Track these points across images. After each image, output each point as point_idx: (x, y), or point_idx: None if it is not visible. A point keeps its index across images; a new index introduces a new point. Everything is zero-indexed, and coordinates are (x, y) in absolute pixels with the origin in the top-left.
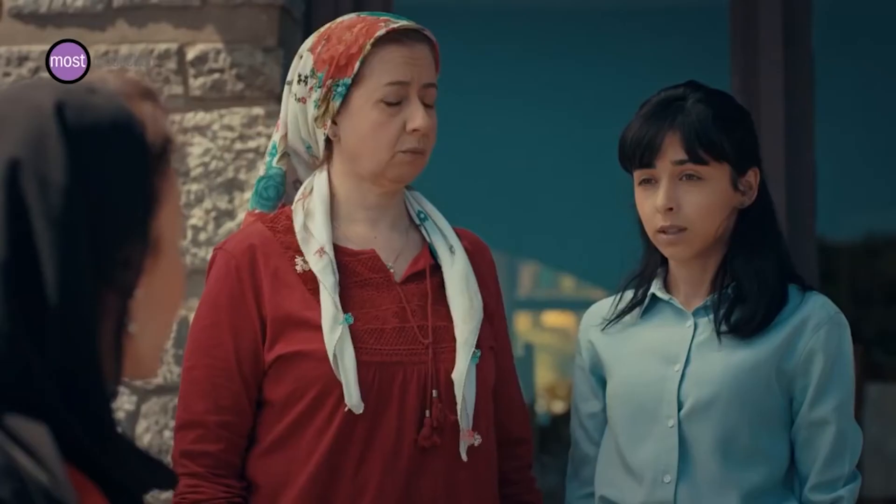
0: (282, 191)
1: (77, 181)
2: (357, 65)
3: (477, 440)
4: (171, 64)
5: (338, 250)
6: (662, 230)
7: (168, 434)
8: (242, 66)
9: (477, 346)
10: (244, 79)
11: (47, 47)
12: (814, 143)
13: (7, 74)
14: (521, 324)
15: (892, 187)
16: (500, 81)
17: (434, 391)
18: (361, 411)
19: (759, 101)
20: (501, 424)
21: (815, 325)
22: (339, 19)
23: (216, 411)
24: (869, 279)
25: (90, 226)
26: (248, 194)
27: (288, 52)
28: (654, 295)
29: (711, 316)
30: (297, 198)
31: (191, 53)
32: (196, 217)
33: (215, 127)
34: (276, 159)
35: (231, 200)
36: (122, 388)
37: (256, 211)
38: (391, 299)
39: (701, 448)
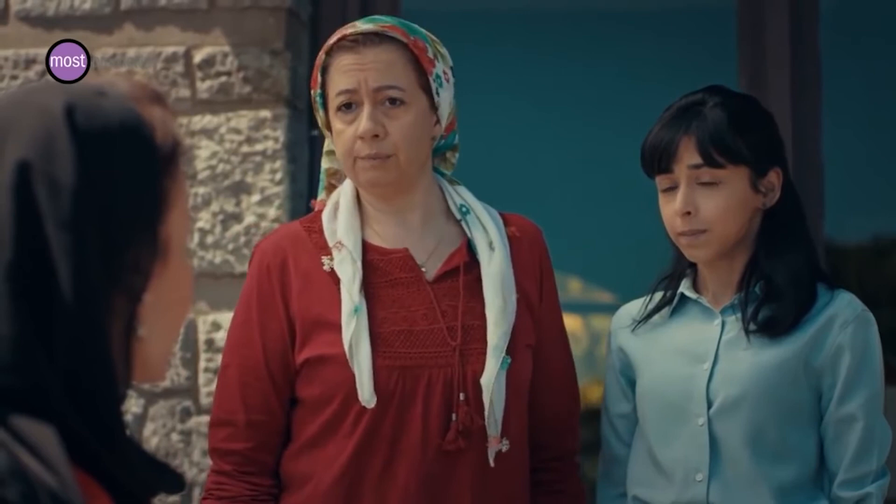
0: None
1: (86, 184)
2: (319, 76)
3: (505, 446)
4: (179, 67)
5: (369, 248)
6: (683, 233)
7: (175, 437)
8: (249, 69)
9: (510, 349)
10: (251, 81)
11: None
12: (821, 145)
13: (14, 77)
14: None
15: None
16: (505, 83)
17: (461, 394)
18: (372, 406)
19: (766, 102)
20: (545, 420)
21: (843, 322)
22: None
23: (245, 410)
24: (876, 281)
25: (100, 229)
26: (255, 197)
27: (295, 55)
28: (682, 294)
29: (739, 314)
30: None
31: (198, 56)
32: (203, 220)
33: (222, 130)
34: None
35: (238, 203)
36: (129, 391)
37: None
38: (421, 299)
39: (731, 446)
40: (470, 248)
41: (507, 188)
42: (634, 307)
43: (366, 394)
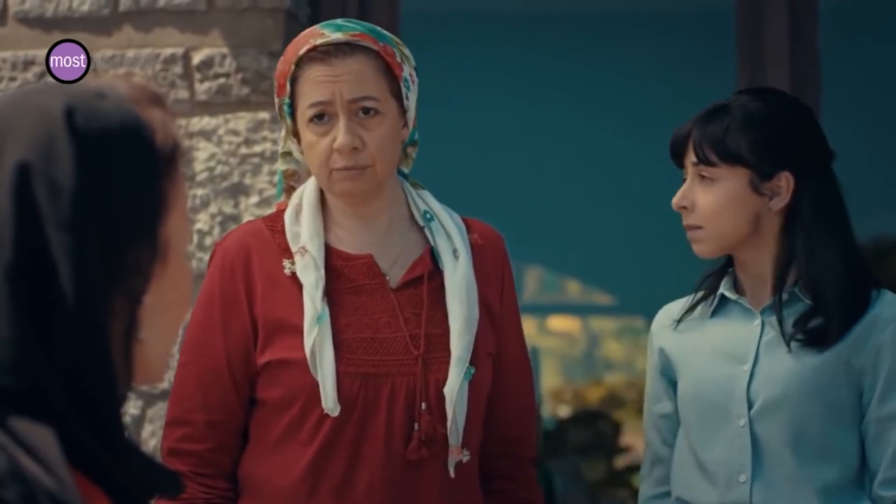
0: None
1: (86, 185)
2: (288, 86)
3: (466, 456)
4: (177, 68)
5: (333, 253)
6: (686, 227)
7: None
8: (248, 71)
9: (473, 360)
10: (249, 83)
11: None
12: None
13: (13, 79)
14: (526, 328)
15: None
16: (505, 84)
17: (423, 404)
18: (336, 414)
19: None
20: (502, 424)
21: (885, 322)
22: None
23: (204, 410)
24: None
25: (99, 230)
26: (253, 199)
27: None
28: (723, 295)
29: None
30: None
31: (196, 58)
32: (202, 221)
33: (221, 131)
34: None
35: (236, 205)
36: (129, 393)
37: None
38: (384, 307)
39: (773, 446)
40: (433, 255)
41: (508, 190)
42: (676, 307)
43: (329, 402)
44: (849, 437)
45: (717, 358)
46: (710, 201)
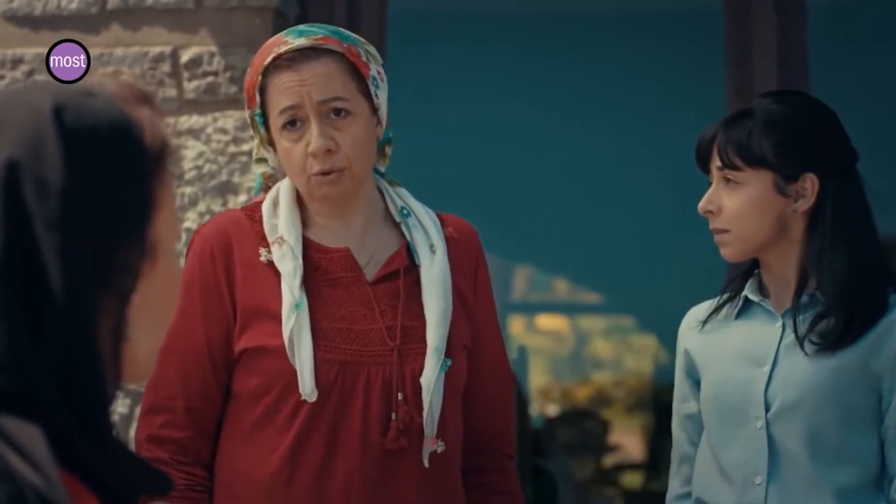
0: None
1: (75, 184)
2: (258, 97)
3: (440, 447)
4: (166, 67)
5: (310, 245)
6: (713, 231)
7: None
8: (236, 70)
9: (448, 351)
10: (238, 82)
11: (42, 50)
12: None
13: (1, 77)
14: (515, 327)
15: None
16: (500, 83)
17: (399, 394)
18: (314, 399)
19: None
20: (480, 418)
21: None
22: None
23: (185, 397)
24: None
25: (88, 229)
26: (242, 197)
27: None
28: (747, 297)
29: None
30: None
31: (185, 56)
32: (190, 220)
33: (209, 130)
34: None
35: (225, 203)
36: (117, 392)
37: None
38: (360, 299)
39: (790, 449)
40: (409, 251)
41: (498, 189)
42: (702, 309)
43: (307, 388)
44: (867, 440)
45: (738, 360)
46: (736, 205)
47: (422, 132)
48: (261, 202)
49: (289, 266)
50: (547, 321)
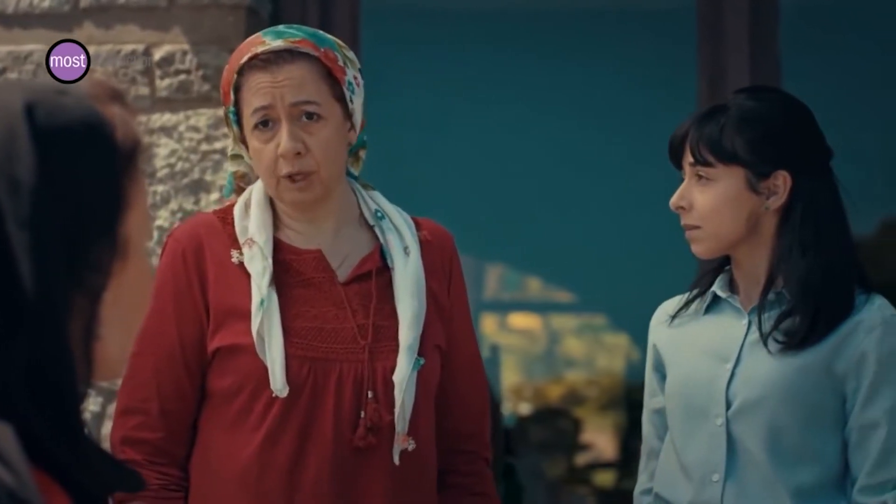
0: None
1: (47, 182)
2: (232, 95)
3: (411, 445)
4: (138, 65)
5: (282, 247)
6: (684, 227)
7: None
8: (209, 68)
9: (421, 350)
10: (210, 80)
11: (13, 48)
12: None
13: None
14: (488, 325)
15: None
16: (467, 81)
17: (370, 392)
18: (285, 395)
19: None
20: (455, 420)
21: (869, 327)
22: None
23: (159, 398)
24: None
25: (60, 227)
26: (214, 195)
27: None
28: (715, 293)
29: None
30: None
31: (157, 54)
32: (162, 218)
33: (182, 128)
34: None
35: (197, 202)
36: (88, 390)
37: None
38: (332, 299)
39: (749, 447)
40: (382, 254)
41: (470, 188)
42: (672, 304)
43: (278, 383)
44: (830, 441)
45: (703, 356)
46: (708, 201)
47: (393, 131)
48: (233, 205)
49: (258, 266)
50: (519, 320)
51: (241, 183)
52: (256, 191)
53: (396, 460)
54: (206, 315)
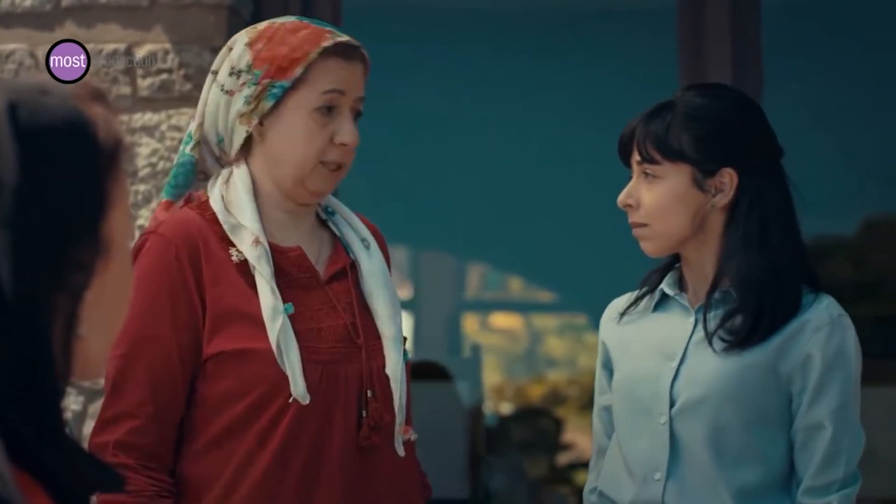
0: (192, 178)
1: (29, 182)
2: (299, 70)
3: (413, 435)
4: (120, 64)
5: (269, 246)
6: (631, 225)
7: None
8: (191, 67)
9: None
10: (192, 79)
11: None
12: None
13: None
14: (469, 325)
15: (841, 189)
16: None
17: (369, 391)
18: (307, 402)
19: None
20: None
21: (815, 327)
22: (282, 20)
23: (153, 403)
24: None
25: (42, 227)
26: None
27: None
28: (664, 291)
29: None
30: (210, 187)
31: (139, 54)
32: (143, 217)
33: (163, 127)
34: (189, 146)
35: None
36: (69, 389)
37: (165, 200)
38: (321, 299)
39: (691, 446)
40: (344, 249)
41: (453, 188)
42: (622, 301)
43: (300, 389)
44: (776, 440)
45: (649, 354)
46: (654, 199)
47: (376, 129)
48: (204, 202)
49: (266, 269)
50: (501, 319)
51: (200, 168)
52: (241, 185)
53: (401, 452)
54: (202, 317)
